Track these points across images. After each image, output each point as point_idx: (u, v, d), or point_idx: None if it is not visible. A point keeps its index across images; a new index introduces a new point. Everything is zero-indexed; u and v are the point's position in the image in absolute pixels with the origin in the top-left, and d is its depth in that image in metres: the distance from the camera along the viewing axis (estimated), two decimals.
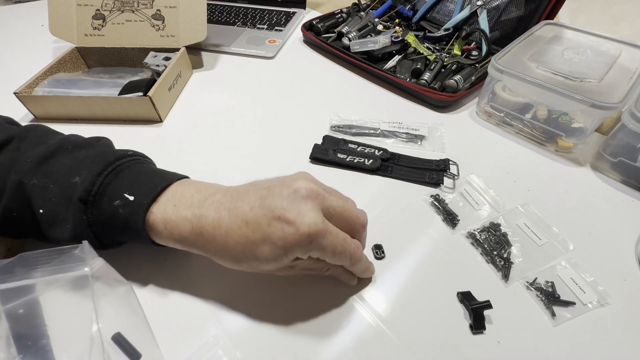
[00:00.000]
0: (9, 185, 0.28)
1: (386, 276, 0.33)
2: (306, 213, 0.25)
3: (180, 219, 0.27)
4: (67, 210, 0.28)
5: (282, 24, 0.77)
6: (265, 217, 0.25)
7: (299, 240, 0.25)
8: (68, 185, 0.28)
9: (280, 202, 0.26)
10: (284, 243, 0.25)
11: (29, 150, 0.30)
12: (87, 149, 0.31)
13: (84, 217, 0.28)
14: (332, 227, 0.26)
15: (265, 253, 0.26)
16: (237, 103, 0.56)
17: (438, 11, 0.72)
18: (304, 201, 0.26)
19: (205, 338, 0.29)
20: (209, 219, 0.27)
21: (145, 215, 0.28)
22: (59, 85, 0.51)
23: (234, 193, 0.28)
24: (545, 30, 0.55)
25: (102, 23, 0.58)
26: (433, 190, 0.42)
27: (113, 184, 0.29)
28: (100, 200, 0.28)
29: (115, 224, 0.28)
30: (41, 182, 0.28)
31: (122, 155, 0.31)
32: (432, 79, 0.56)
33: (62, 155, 0.30)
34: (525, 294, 0.32)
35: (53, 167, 0.29)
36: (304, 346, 0.29)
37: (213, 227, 0.27)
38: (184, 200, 0.28)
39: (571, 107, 0.43)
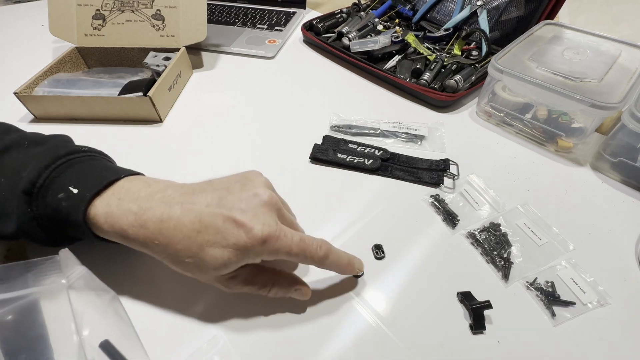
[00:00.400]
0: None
1: (386, 276, 0.34)
2: (261, 217, 0.25)
3: (122, 212, 0.26)
4: (12, 204, 0.27)
5: (282, 24, 0.77)
6: (221, 217, 0.25)
7: (252, 244, 0.25)
8: (16, 180, 0.27)
9: (239, 204, 0.26)
10: (237, 246, 0.25)
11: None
12: (43, 144, 0.30)
13: (27, 209, 0.27)
14: (287, 230, 0.26)
15: (215, 255, 0.25)
16: (237, 103, 0.56)
17: (438, 11, 0.72)
18: (262, 206, 0.26)
19: (205, 338, 0.29)
20: (157, 212, 0.26)
21: (87, 208, 0.26)
22: (59, 85, 0.51)
23: (188, 189, 0.28)
24: (545, 30, 0.55)
25: (102, 23, 0.58)
26: (433, 190, 0.42)
27: (60, 178, 0.28)
28: (45, 194, 0.27)
29: (58, 218, 0.27)
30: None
31: (75, 150, 0.30)
32: (432, 79, 0.56)
33: (17, 151, 0.30)
34: (525, 294, 0.33)
35: (5, 162, 0.29)
36: (304, 346, 0.29)
37: (161, 220, 0.26)
38: (130, 195, 0.27)
39: (571, 107, 0.43)
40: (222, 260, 0.25)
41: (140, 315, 0.30)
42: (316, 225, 0.37)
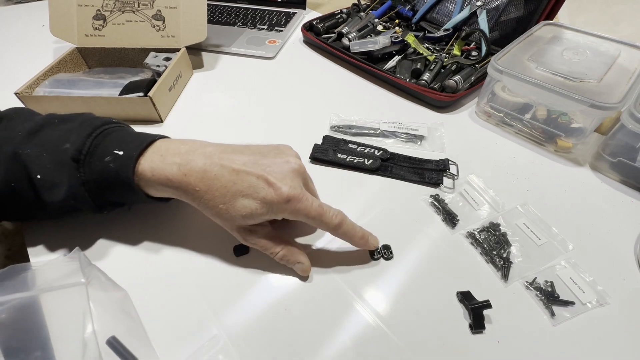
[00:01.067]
0: (3, 157, 0.30)
1: (386, 276, 0.34)
2: (289, 180, 0.30)
3: (166, 165, 0.30)
4: (62, 173, 0.30)
5: (282, 25, 0.77)
6: (255, 174, 0.29)
7: (278, 200, 0.29)
8: (59, 152, 0.30)
9: (272, 167, 0.30)
10: (265, 200, 0.29)
11: (18, 126, 0.32)
12: (72, 121, 0.33)
13: (77, 175, 0.30)
14: (308, 196, 0.30)
15: (245, 204, 0.29)
16: (238, 103, 0.56)
17: (438, 12, 0.72)
18: (291, 172, 0.30)
19: (205, 338, 0.29)
20: (199, 163, 0.30)
21: (135, 166, 0.30)
22: (59, 85, 0.51)
23: (227, 148, 0.32)
24: (544, 30, 0.55)
25: (103, 23, 0.58)
26: (433, 190, 0.42)
27: (102, 144, 0.31)
28: (91, 159, 0.30)
29: (107, 179, 0.30)
30: (34, 151, 0.30)
31: (108, 122, 0.33)
32: (431, 79, 0.56)
33: (51, 128, 0.32)
34: (524, 293, 0.33)
35: (43, 138, 0.31)
36: (304, 346, 0.29)
37: (203, 170, 0.30)
38: (171, 151, 0.31)
39: (570, 107, 0.43)
40: (250, 209, 0.29)
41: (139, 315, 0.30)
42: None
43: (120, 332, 0.26)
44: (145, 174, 0.30)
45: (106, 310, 0.27)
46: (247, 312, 0.31)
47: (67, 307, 0.26)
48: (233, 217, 0.30)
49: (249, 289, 0.32)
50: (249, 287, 0.32)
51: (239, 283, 0.33)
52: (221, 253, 0.35)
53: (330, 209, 0.31)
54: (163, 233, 0.36)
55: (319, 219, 0.30)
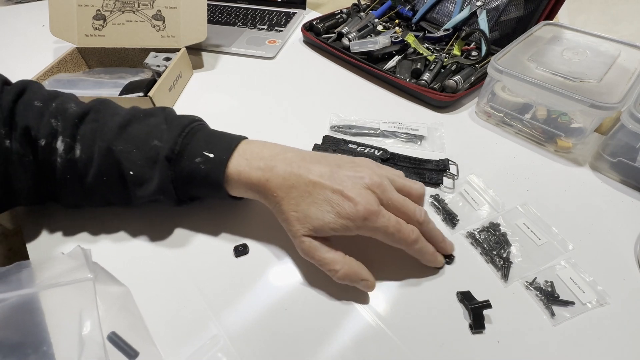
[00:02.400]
0: (97, 151, 0.32)
1: (386, 276, 0.34)
2: (365, 196, 0.29)
3: (251, 169, 0.32)
4: (153, 170, 0.32)
5: (282, 25, 0.77)
6: (331, 188, 0.30)
7: (355, 217, 0.29)
8: (149, 149, 0.32)
9: (347, 181, 0.30)
10: (340, 215, 0.29)
11: (108, 120, 0.33)
12: (156, 116, 0.35)
13: (169, 173, 0.32)
14: (385, 212, 0.30)
15: (319, 214, 0.29)
16: (238, 103, 0.56)
17: (438, 12, 0.72)
18: (366, 188, 0.30)
19: (206, 338, 0.29)
20: (280, 170, 0.31)
21: (225, 169, 0.32)
22: (59, 85, 0.51)
23: (306, 156, 0.33)
24: (544, 30, 0.55)
25: (103, 23, 0.58)
26: (433, 190, 0.42)
27: (191, 144, 0.32)
28: (181, 158, 0.32)
29: (196, 179, 0.32)
30: (126, 147, 0.32)
31: (193, 120, 0.35)
32: (431, 79, 0.56)
33: (137, 123, 0.34)
34: (524, 293, 0.33)
35: (132, 133, 0.33)
36: (304, 346, 0.29)
37: (283, 177, 0.31)
38: (255, 155, 0.33)
39: (570, 107, 0.43)
40: (323, 221, 0.29)
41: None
42: None
43: (122, 327, 0.26)
44: (233, 177, 0.32)
45: (109, 307, 0.27)
46: (247, 312, 0.31)
47: (74, 303, 0.26)
48: (302, 224, 0.30)
49: (249, 289, 0.32)
50: (249, 287, 0.32)
51: (239, 283, 0.33)
52: (221, 253, 0.35)
53: (408, 225, 0.31)
54: (164, 233, 0.36)
55: (398, 234, 0.30)
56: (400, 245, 0.31)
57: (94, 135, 0.32)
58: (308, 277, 0.33)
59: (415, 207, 0.32)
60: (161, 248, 0.35)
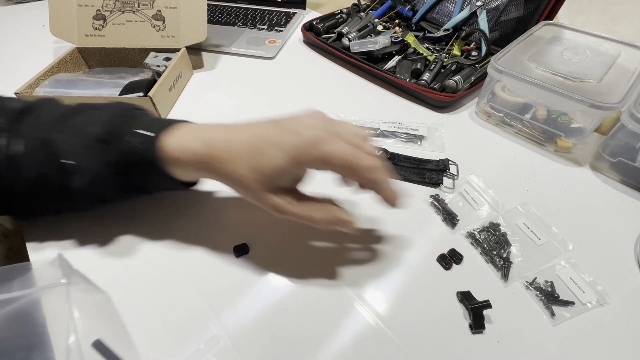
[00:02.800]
0: (33, 144, 0.30)
1: (386, 276, 0.34)
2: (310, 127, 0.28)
3: (191, 138, 0.30)
4: (88, 156, 0.30)
5: (282, 25, 0.77)
6: (278, 130, 0.29)
7: (303, 144, 0.27)
8: (88, 135, 0.30)
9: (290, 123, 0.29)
10: (288, 150, 0.27)
11: (48, 113, 0.32)
12: (101, 109, 0.33)
13: (103, 157, 0.30)
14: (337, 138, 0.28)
15: (271, 161, 0.28)
16: (238, 103, 0.56)
17: (438, 12, 0.72)
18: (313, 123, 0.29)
19: (205, 338, 0.29)
20: (222, 134, 0.30)
21: (157, 143, 0.30)
22: (59, 85, 0.51)
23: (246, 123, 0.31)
24: (544, 30, 0.55)
25: (103, 23, 0.58)
26: (433, 190, 0.42)
27: (124, 125, 0.31)
28: (118, 140, 0.30)
29: (132, 158, 0.30)
30: (63, 137, 0.30)
31: (134, 107, 0.34)
32: (431, 79, 0.56)
33: (80, 114, 0.32)
34: (524, 293, 0.33)
35: (72, 123, 0.31)
36: (304, 346, 0.29)
37: (225, 139, 0.29)
38: (194, 127, 0.31)
39: (570, 107, 0.43)
40: (275, 163, 0.28)
41: (139, 314, 0.30)
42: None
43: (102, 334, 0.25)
44: (168, 150, 0.30)
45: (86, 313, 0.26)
46: (247, 312, 0.31)
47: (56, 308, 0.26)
48: (262, 182, 0.28)
49: (249, 289, 0.32)
50: (249, 287, 0.32)
51: (239, 283, 0.33)
52: (221, 253, 0.35)
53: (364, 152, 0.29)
54: (164, 234, 0.36)
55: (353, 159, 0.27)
56: (358, 172, 0.28)
57: (32, 130, 0.31)
58: (308, 277, 0.33)
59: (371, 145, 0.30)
60: (161, 248, 0.35)
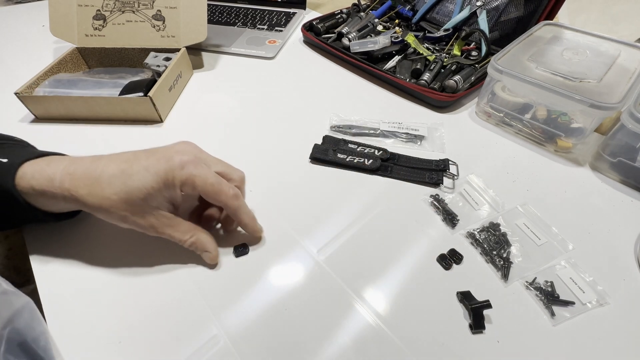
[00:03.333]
0: None
1: (386, 276, 0.34)
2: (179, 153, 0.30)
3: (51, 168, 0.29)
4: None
5: (282, 25, 0.77)
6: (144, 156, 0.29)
7: (172, 167, 0.28)
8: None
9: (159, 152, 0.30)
10: (159, 171, 0.28)
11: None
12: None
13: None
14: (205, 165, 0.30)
15: (141, 180, 0.28)
16: (238, 103, 0.56)
17: (438, 12, 0.72)
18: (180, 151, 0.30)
19: (205, 338, 0.29)
20: (86, 163, 0.30)
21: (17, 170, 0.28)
22: (59, 85, 0.51)
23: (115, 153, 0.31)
24: (544, 30, 0.55)
25: (103, 23, 0.58)
26: (433, 190, 0.42)
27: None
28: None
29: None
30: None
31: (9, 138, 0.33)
32: (431, 79, 0.56)
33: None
34: (524, 293, 0.33)
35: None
36: (304, 346, 0.29)
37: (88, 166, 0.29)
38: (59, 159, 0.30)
39: (570, 107, 0.43)
40: (146, 184, 0.28)
41: (140, 314, 0.30)
42: (316, 225, 0.37)
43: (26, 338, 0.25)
44: (26, 177, 0.28)
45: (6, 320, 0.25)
46: (247, 312, 0.31)
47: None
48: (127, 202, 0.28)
49: (249, 289, 0.32)
50: (249, 287, 0.32)
51: (239, 283, 0.33)
52: (221, 253, 0.35)
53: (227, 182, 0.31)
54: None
55: (218, 186, 0.30)
56: (221, 198, 0.30)
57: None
58: (308, 277, 0.33)
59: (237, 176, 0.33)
60: (161, 249, 0.35)
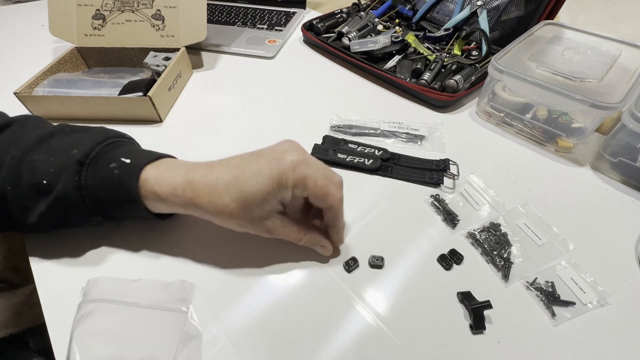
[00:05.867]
0: (9, 160, 0.30)
1: (386, 276, 0.34)
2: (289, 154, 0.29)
3: (171, 174, 0.30)
4: (60, 177, 0.29)
5: (282, 24, 0.77)
6: (255, 160, 0.29)
7: (284, 167, 0.28)
8: (66, 157, 0.30)
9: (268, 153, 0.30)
10: (270, 173, 0.28)
11: (30, 132, 0.31)
12: (84, 132, 0.33)
13: (75, 178, 0.29)
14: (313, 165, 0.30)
15: (256, 190, 0.28)
16: (237, 103, 0.56)
17: (438, 11, 0.72)
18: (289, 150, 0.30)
19: (205, 338, 0.29)
20: (201, 170, 0.30)
21: (140, 173, 0.30)
22: (59, 85, 0.51)
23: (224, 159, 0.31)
24: (545, 30, 0.55)
25: (102, 23, 0.58)
26: (433, 190, 0.42)
27: (111, 152, 0.31)
28: (96, 164, 0.30)
29: (109, 185, 0.30)
30: (42, 157, 0.30)
31: (121, 135, 0.34)
32: (432, 79, 0.56)
33: (62, 136, 0.32)
34: (525, 294, 0.33)
35: (53, 145, 0.31)
36: (304, 346, 0.29)
37: (204, 175, 0.30)
38: (177, 164, 0.32)
39: (571, 107, 0.43)
40: (262, 188, 0.28)
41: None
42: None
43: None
44: (149, 182, 0.30)
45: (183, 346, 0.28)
46: (246, 312, 0.31)
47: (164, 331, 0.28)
48: (244, 207, 0.29)
49: (248, 289, 0.32)
50: (248, 287, 0.32)
51: (239, 283, 0.33)
52: (221, 253, 0.35)
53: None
54: (163, 233, 0.36)
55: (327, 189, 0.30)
56: (327, 200, 0.30)
57: (9, 145, 0.30)
58: (308, 277, 0.33)
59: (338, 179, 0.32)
60: (161, 249, 0.35)
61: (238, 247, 0.35)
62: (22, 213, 0.30)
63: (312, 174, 0.29)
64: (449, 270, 0.34)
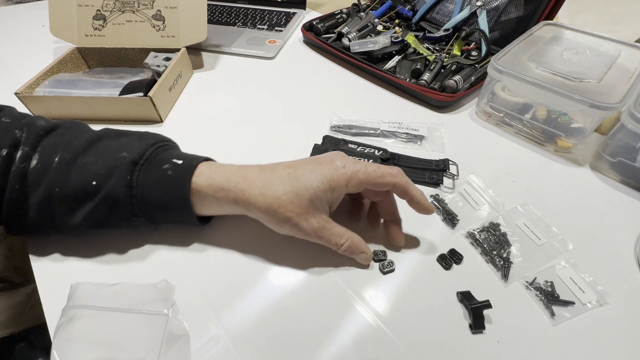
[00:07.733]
0: (58, 161, 0.30)
1: (386, 276, 0.34)
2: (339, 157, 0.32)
3: (225, 170, 0.32)
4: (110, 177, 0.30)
5: (282, 25, 0.77)
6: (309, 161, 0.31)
7: (335, 167, 0.30)
8: (116, 159, 0.31)
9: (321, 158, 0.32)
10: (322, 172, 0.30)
11: (79, 135, 0.32)
12: (130, 136, 0.34)
13: (127, 177, 0.30)
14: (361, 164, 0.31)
15: (307, 180, 0.30)
16: (238, 103, 0.56)
17: (438, 12, 0.72)
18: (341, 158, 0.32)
19: (205, 338, 0.29)
20: (254, 168, 0.32)
21: (194, 170, 0.31)
22: (59, 85, 0.51)
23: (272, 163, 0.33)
24: (544, 30, 0.55)
25: (103, 23, 0.58)
26: (433, 190, 0.42)
27: (162, 154, 0.32)
28: (149, 165, 0.31)
29: (160, 185, 0.31)
30: (91, 159, 0.31)
31: (168, 139, 0.35)
32: (431, 79, 0.56)
33: (110, 139, 0.33)
34: (524, 293, 0.33)
35: (102, 147, 0.32)
36: (304, 346, 0.29)
37: (258, 172, 0.31)
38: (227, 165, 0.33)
39: (570, 107, 0.43)
40: (313, 184, 0.30)
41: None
42: None
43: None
44: (204, 175, 0.31)
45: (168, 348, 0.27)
46: (247, 312, 0.31)
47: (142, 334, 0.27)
48: (295, 203, 0.30)
49: (249, 289, 0.32)
50: (249, 287, 0.32)
51: (239, 283, 0.33)
52: (221, 252, 0.35)
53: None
54: (163, 233, 0.36)
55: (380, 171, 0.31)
56: (387, 179, 0.31)
57: (57, 148, 0.31)
58: (308, 277, 0.33)
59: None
60: (161, 249, 0.35)
61: (238, 247, 0.35)
62: (67, 214, 0.31)
63: (360, 167, 0.31)
64: (448, 270, 0.34)
